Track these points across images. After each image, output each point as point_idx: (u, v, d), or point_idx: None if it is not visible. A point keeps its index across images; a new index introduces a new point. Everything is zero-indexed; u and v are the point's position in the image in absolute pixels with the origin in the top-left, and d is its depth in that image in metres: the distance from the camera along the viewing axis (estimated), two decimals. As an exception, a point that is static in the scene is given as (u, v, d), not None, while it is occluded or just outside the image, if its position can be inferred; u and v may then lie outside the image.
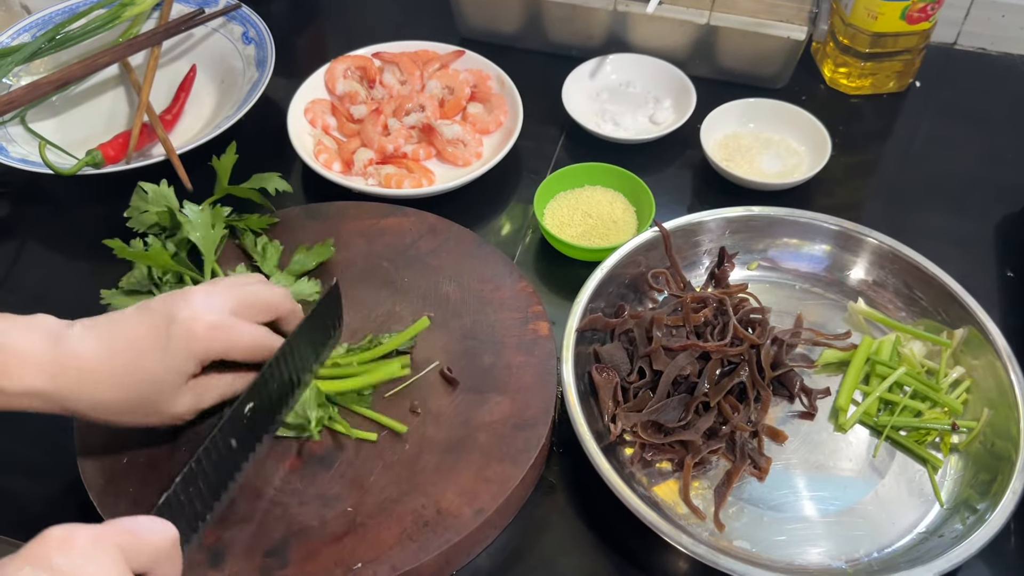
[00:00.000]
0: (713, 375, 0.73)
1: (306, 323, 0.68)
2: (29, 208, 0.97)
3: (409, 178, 0.93)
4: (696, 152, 0.96)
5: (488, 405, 0.73)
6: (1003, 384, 0.73)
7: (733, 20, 0.99)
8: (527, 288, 0.80)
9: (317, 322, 0.70)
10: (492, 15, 1.08)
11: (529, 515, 0.72)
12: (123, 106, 1.04)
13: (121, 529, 0.51)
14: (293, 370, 0.68)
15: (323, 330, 0.72)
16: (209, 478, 0.60)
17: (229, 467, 0.63)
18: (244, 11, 1.06)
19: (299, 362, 0.69)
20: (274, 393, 0.66)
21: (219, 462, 0.61)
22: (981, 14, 1.08)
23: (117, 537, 0.50)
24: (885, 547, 0.69)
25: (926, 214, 0.94)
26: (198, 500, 0.59)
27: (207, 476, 0.60)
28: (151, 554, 0.51)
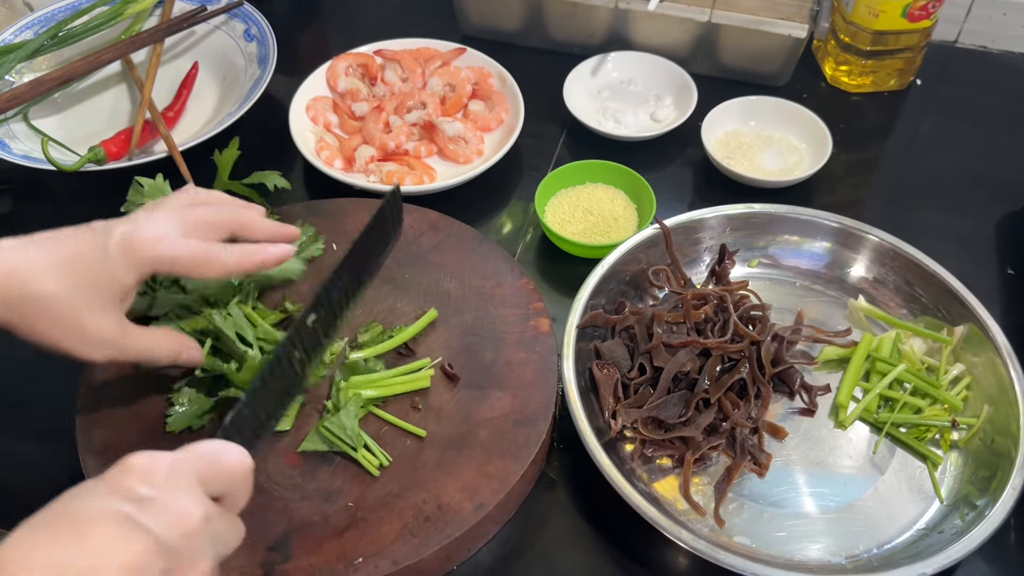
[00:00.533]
0: (714, 372, 0.74)
1: (365, 232, 0.66)
2: (32, 204, 0.97)
3: (410, 175, 0.93)
4: (697, 150, 0.96)
5: (489, 401, 0.73)
6: (1003, 381, 0.73)
7: (734, 18, 0.99)
8: (528, 285, 0.80)
9: (376, 229, 0.68)
10: (493, 13, 1.08)
11: (530, 511, 0.72)
12: (125, 103, 1.04)
13: (200, 455, 0.51)
14: (354, 276, 0.66)
15: (382, 235, 0.70)
16: (273, 393, 0.59)
17: (292, 381, 0.61)
18: (246, 8, 1.07)
19: (360, 268, 0.67)
20: (335, 302, 0.64)
21: (283, 376, 0.60)
22: (982, 12, 1.08)
23: (196, 464, 0.50)
24: (885, 543, 0.69)
25: (927, 212, 0.94)
26: (264, 415, 0.58)
27: (271, 391, 0.59)
28: (227, 480, 0.52)
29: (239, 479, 0.53)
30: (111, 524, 0.46)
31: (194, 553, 0.48)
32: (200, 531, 0.49)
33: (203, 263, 0.65)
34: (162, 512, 0.47)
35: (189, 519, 0.48)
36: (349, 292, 0.66)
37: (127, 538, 0.46)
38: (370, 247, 0.68)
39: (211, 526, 0.50)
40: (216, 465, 0.52)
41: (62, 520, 0.46)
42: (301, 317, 0.61)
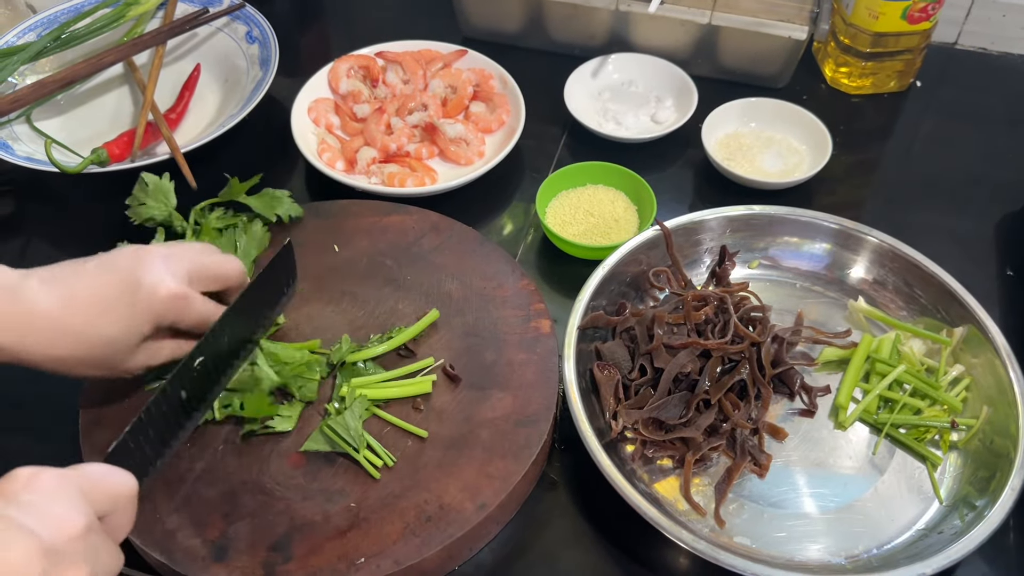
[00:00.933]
0: (714, 373, 0.74)
1: (257, 282, 0.69)
2: (34, 206, 0.97)
3: (412, 177, 0.93)
4: (697, 151, 0.97)
5: (490, 402, 0.73)
6: (1002, 382, 0.73)
7: (734, 20, 0.99)
8: (529, 286, 0.80)
9: (269, 281, 0.71)
10: (494, 14, 1.09)
11: (531, 511, 0.72)
12: (128, 105, 1.05)
13: (84, 473, 0.53)
14: (244, 327, 0.69)
15: (275, 289, 0.73)
16: (159, 427, 0.61)
17: (179, 417, 0.64)
18: (248, 10, 1.07)
19: (251, 319, 0.70)
20: (224, 348, 0.67)
21: (169, 412, 0.62)
22: (982, 14, 1.08)
23: (80, 480, 0.52)
24: (884, 543, 0.69)
25: (926, 213, 0.94)
26: (148, 447, 0.60)
27: (157, 425, 0.61)
28: (110, 500, 0.53)
29: (123, 500, 0.54)
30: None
31: (74, 559, 0.49)
32: (82, 538, 0.50)
33: (204, 322, 0.68)
34: (44, 516, 0.49)
35: (71, 525, 0.50)
36: (239, 341, 0.69)
37: (10, 537, 0.47)
38: (261, 296, 0.71)
39: (92, 538, 0.51)
40: (100, 483, 0.53)
41: None
42: (187, 358, 0.63)
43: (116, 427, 0.71)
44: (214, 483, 0.68)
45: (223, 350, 0.68)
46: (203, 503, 0.67)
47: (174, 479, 0.68)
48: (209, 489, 0.68)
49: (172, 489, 0.68)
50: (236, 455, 0.70)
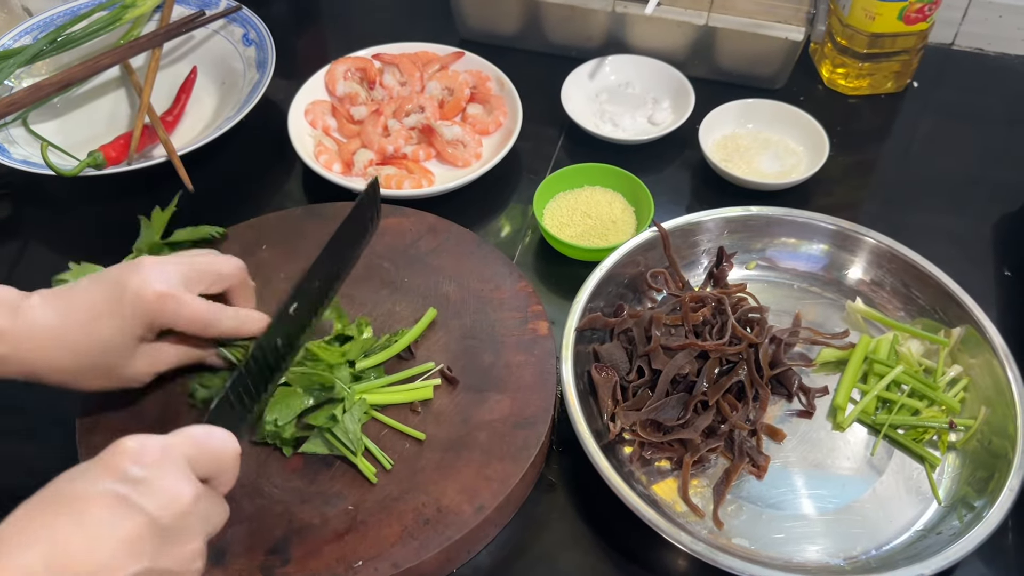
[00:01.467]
0: (712, 374, 0.74)
1: (345, 222, 0.69)
2: (31, 209, 0.97)
3: (409, 179, 0.93)
4: (695, 152, 0.97)
5: (488, 404, 0.73)
6: (1000, 382, 0.73)
7: (731, 21, 0.99)
8: (527, 288, 0.80)
9: (355, 221, 0.71)
10: (491, 16, 1.09)
11: (529, 513, 0.72)
12: (124, 107, 1.04)
13: (189, 438, 0.54)
14: (334, 266, 0.69)
15: (361, 227, 0.73)
16: (255, 377, 0.62)
17: (274, 367, 0.65)
18: (244, 13, 1.07)
19: (338, 259, 0.70)
20: (316, 290, 0.68)
21: (265, 363, 0.63)
22: (978, 14, 1.08)
23: (185, 447, 0.53)
24: (883, 544, 0.69)
25: (924, 213, 0.94)
26: (248, 399, 0.61)
27: (254, 376, 0.62)
28: (214, 463, 0.54)
29: (227, 461, 0.55)
30: (106, 503, 0.48)
31: (186, 531, 0.51)
32: (191, 510, 0.51)
33: (203, 326, 0.68)
34: (154, 492, 0.50)
35: (180, 499, 0.51)
36: (329, 281, 0.69)
37: (122, 516, 0.48)
38: (348, 238, 0.71)
39: (200, 506, 0.52)
40: (205, 448, 0.54)
41: (58, 500, 0.49)
42: (283, 306, 0.64)
43: (113, 430, 0.71)
44: (211, 486, 0.68)
45: (314, 293, 0.67)
46: (200, 506, 0.67)
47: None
48: (206, 492, 0.68)
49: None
50: (233, 458, 0.70)
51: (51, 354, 0.64)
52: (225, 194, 0.97)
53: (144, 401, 0.73)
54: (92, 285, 0.66)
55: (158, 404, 0.73)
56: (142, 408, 0.72)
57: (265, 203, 0.96)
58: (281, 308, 0.64)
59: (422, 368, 0.75)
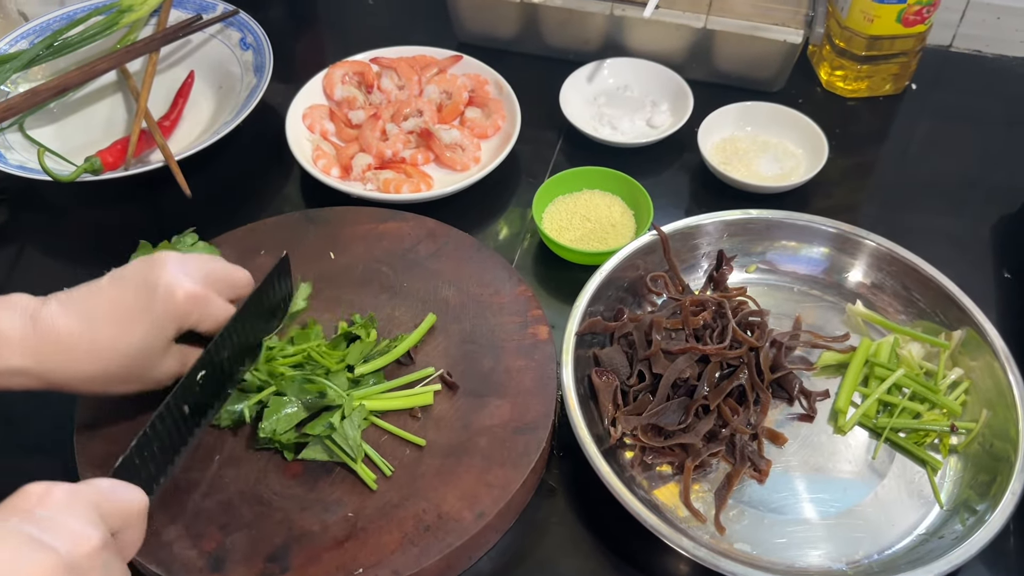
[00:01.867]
0: (712, 378, 0.74)
1: (255, 295, 0.69)
2: (28, 215, 0.97)
3: (407, 183, 0.93)
4: (694, 155, 0.97)
5: (488, 409, 0.73)
6: (1001, 385, 0.73)
7: (729, 24, 0.99)
8: (526, 292, 0.80)
9: (267, 294, 0.71)
10: (489, 20, 1.08)
11: (530, 519, 0.72)
12: (121, 112, 1.04)
13: (96, 488, 0.53)
14: (244, 340, 0.69)
15: (273, 302, 0.73)
16: (163, 442, 0.62)
17: (182, 432, 0.65)
18: (242, 17, 1.07)
19: (250, 333, 0.70)
20: (225, 362, 0.68)
21: (173, 427, 0.63)
22: (976, 16, 1.08)
23: (92, 495, 0.52)
24: (885, 549, 0.69)
25: (923, 215, 0.94)
26: (152, 464, 0.61)
27: (161, 440, 0.62)
28: (122, 516, 0.53)
29: (134, 516, 0.54)
30: (15, 541, 0.47)
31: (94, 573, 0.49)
32: (98, 553, 0.50)
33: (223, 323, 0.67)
34: (63, 532, 0.49)
35: (88, 540, 0.50)
36: (238, 353, 0.70)
37: (32, 553, 0.47)
38: (260, 308, 0.72)
39: (106, 555, 0.51)
40: (112, 499, 0.53)
41: None
42: (190, 373, 0.64)
43: (111, 442, 0.70)
44: (211, 494, 0.68)
45: (224, 363, 0.68)
46: (200, 514, 0.67)
47: (170, 490, 0.68)
48: (206, 500, 0.68)
49: (168, 500, 0.67)
50: (233, 465, 0.70)
51: (79, 364, 0.62)
52: (223, 199, 0.96)
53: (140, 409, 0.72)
54: (116, 287, 0.64)
55: (156, 411, 0.72)
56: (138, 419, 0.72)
57: (263, 208, 0.95)
58: (188, 375, 0.64)
59: (422, 373, 0.74)
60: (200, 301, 0.65)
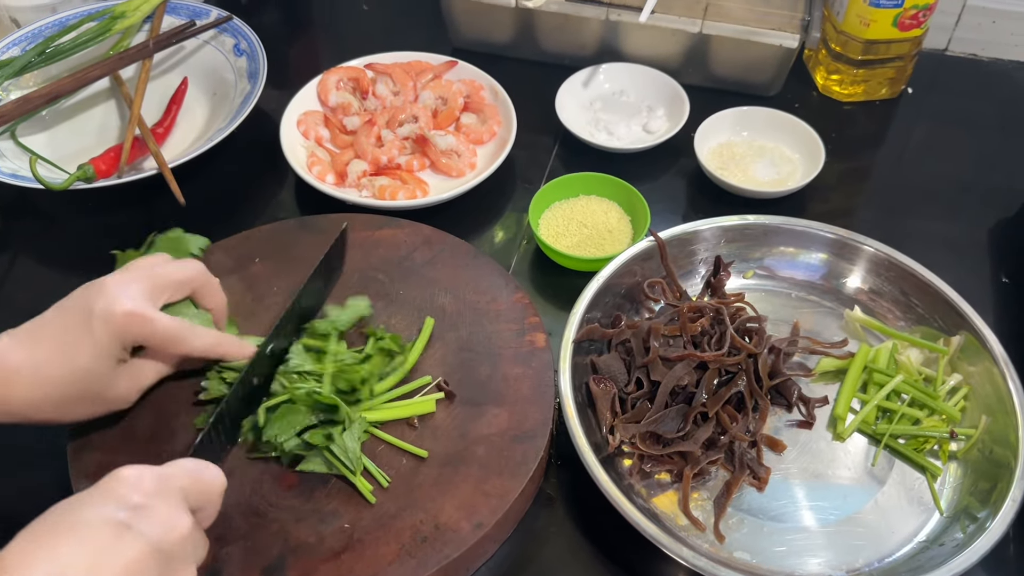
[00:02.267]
0: (711, 385, 0.73)
1: (316, 269, 0.75)
2: (20, 223, 0.96)
3: (403, 189, 0.92)
4: (690, 160, 0.96)
5: (486, 418, 0.72)
6: (1000, 391, 0.73)
7: (725, 28, 0.99)
8: (523, 299, 0.80)
9: (325, 266, 0.77)
10: (484, 25, 1.08)
11: (528, 528, 0.71)
12: (114, 119, 1.03)
13: (184, 470, 0.56)
14: (306, 307, 0.75)
15: (329, 272, 0.78)
16: (234, 416, 0.67)
17: (251, 404, 0.69)
18: (235, 23, 1.06)
19: (312, 300, 0.76)
20: (290, 331, 0.73)
21: (245, 400, 0.68)
22: (972, 20, 1.08)
23: (180, 478, 0.55)
24: (885, 556, 0.69)
25: (920, 220, 0.94)
26: (226, 437, 0.66)
27: (233, 414, 0.66)
28: (203, 496, 0.57)
29: (214, 495, 0.58)
30: (108, 529, 0.50)
31: (183, 558, 0.53)
32: (188, 538, 0.53)
33: (173, 343, 0.67)
34: (154, 519, 0.51)
35: (179, 526, 0.53)
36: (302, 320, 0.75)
37: (124, 542, 0.49)
38: (317, 282, 0.76)
39: (195, 535, 0.54)
40: (197, 480, 0.56)
41: (60, 527, 0.50)
42: (261, 347, 0.69)
43: (105, 452, 0.70)
44: (206, 505, 0.67)
45: (288, 333, 0.73)
46: (195, 526, 0.66)
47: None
48: (201, 511, 0.67)
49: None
50: (228, 476, 0.68)
51: (30, 394, 0.63)
52: (217, 206, 0.96)
53: (134, 419, 0.72)
54: (57, 315, 0.65)
55: (149, 421, 0.72)
56: (131, 429, 0.71)
57: (258, 215, 0.95)
58: (260, 349, 0.69)
59: (419, 382, 0.74)
60: (139, 319, 0.65)
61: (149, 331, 0.66)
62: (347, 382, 0.71)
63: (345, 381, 0.71)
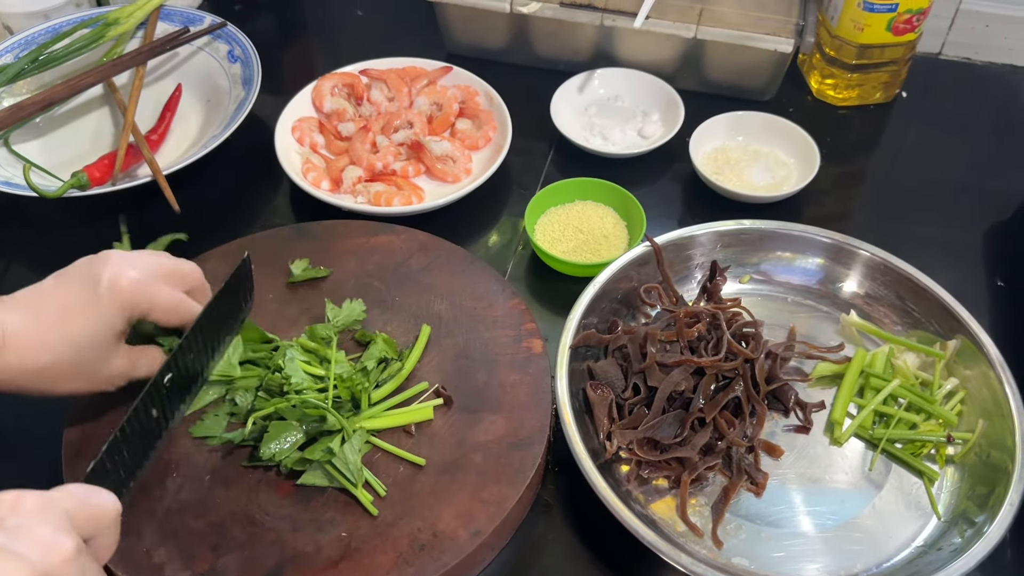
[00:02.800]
0: (708, 390, 0.73)
1: (218, 297, 0.69)
2: (14, 231, 0.95)
3: (398, 195, 0.92)
4: (685, 165, 0.96)
5: (483, 424, 0.72)
6: (997, 394, 0.73)
7: (720, 33, 0.99)
8: (520, 305, 0.79)
9: (230, 296, 0.71)
10: (479, 31, 1.08)
11: (526, 535, 0.71)
12: (108, 126, 1.03)
13: (68, 495, 0.52)
14: (208, 342, 0.70)
15: (235, 304, 0.73)
16: (132, 446, 0.62)
17: (150, 436, 0.65)
18: (230, 29, 1.06)
19: (214, 334, 0.70)
20: (190, 364, 0.68)
21: (141, 431, 0.63)
22: (965, 24, 1.08)
23: (64, 501, 0.51)
24: (883, 561, 0.68)
25: (915, 223, 0.94)
26: (123, 468, 0.61)
27: (130, 444, 0.61)
28: (95, 522, 0.52)
29: (107, 521, 0.53)
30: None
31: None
32: (72, 562, 0.49)
33: (178, 314, 0.67)
34: (35, 541, 0.48)
35: (62, 549, 0.48)
36: (204, 354, 0.70)
37: (5, 564, 0.46)
38: (223, 311, 0.71)
39: (81, 561, 0.50)
40: (85, 504, 0.52)
41: None
42: (156, 376, 0.64)
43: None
44: (202, 514, 0.67)
45: (189, 366, 0.68)
46: (191, 535, 0.66)
47: (161, 511, 0.67)
48: (197, 521, 0.67)
49: (159, 521, 0.66)
50: (224, 485, 0.69)
51: (26, 361, 0.62)
52: (212, 213, 0.96)
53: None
54: (61, 282, 0.65)
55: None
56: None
57: (252, 222, 0.95)
58: (155, 378, 0.63)
59: (416, 389, 0.74)
60: (145, 288, 0.65)
61: (154, 301, 0.65)
62: (349, 392, 0.71)
63: (347, 391, 0.71)
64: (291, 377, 0.70)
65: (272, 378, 0.71)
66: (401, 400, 0.73)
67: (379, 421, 0.71)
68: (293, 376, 0.70)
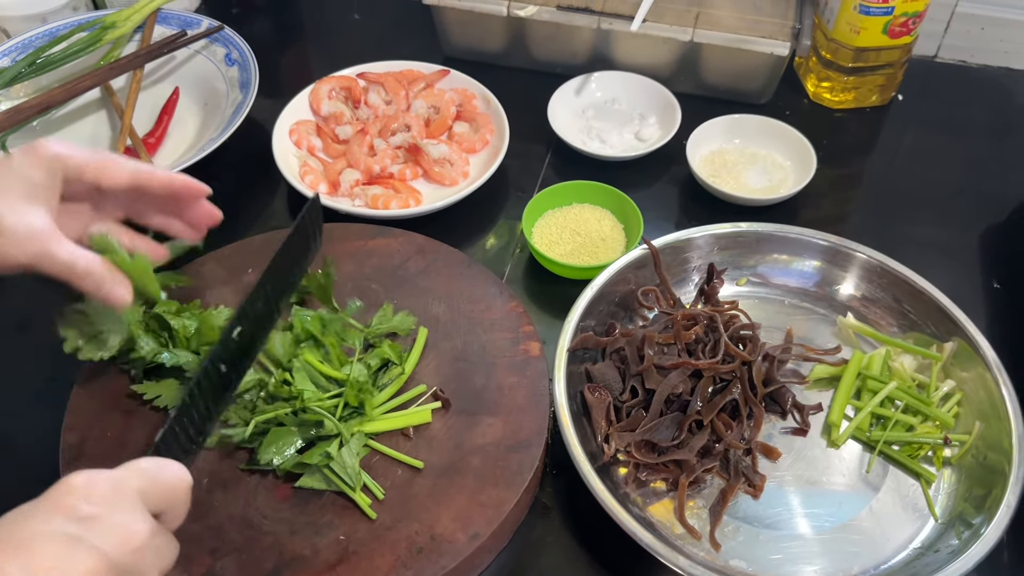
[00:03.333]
0: (705, 393, 0.73)
1: (287, 242, 0.67)
2: (11, 234, 0.95)
3: (396, 198, 0.92)
4: (682, 168, 0.96)
5: (481, 427, 0.72)
6: (994, 396, 0.73)
7: (716, 37, 0.99)
8: (517, 308, 0.79)
9: (298, 240, 0.70)
10: (476, 34, 1.08)
11: (524, 538, 0.71)
12: (105, 130, 1.03)
13: (139, 471, 0.51)
14: (276, 288, 0.68)
15: (303, 246, 0.72)
16: (200, 407, 0.60)
17: (219, 396, 0.63)
18: (227, 32, 1.06)
19: (281, 280, 0.69)
20: (260, 313, 0.66)
21: (210, 389, 0.61)
22: (961, 27, 1.09)
23: (136, 481, 0.50)
24: (881, 563, 0.69)
25: (912, 226, 0.94)
26: (192, 429, 0.59)
27: (199, 405, 0.60)
28: (166, 496, 0.52)
29: (178, 495, 0.53)
30: (58, 544, 0.46)
31: (141, 568, 0.49)
32: (146, 546, 0.49)
33: (103, 167, 0.64)
34: (108, 529, 0.47)
35: (135, 535, 0.48)
36: (272, 304, 0.67)
37: (76, 557, 0.46)
38: (290, 258, 0.69)
39: (155, 541, 0.50)
40: (156, 481, 0.52)
41: (7, 544, 0.46)
42: (226, 331, 0.61)
43: (98, 460, 0.69)
44: (200, 517, 0.67)
45: (258, 315, 0.65)
46: (189, 538, 0.65)
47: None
48: (195, 523, 0.66)
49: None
50: (222, 488, 0.69)
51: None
52: (209, 216, 0.95)
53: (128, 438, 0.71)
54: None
55: (145, 431, 0.71)
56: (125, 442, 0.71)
57: (250, 225, 0.95)
58: (224, 333, 0.61)
59: (415, 392, 0.74)
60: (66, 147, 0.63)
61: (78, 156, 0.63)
62: (358, 400, 0.70)
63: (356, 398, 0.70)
64: (303, 392, 0.69)
65: (280, 389, 0.70)
66: (399, 403, 0.73)
67: (377, 424, 0.71)
68: (305, 391, 0.69)
